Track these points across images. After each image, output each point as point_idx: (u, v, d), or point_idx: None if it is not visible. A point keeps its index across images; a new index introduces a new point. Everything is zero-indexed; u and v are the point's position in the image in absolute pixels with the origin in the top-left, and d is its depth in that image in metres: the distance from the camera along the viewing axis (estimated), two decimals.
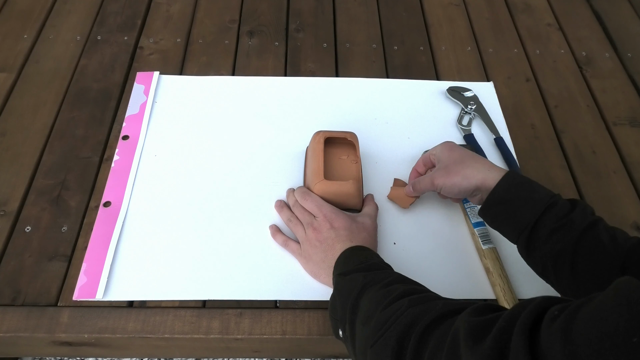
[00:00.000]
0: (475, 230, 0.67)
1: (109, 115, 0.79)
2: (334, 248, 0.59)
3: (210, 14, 0.96)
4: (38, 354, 0.67)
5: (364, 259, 0.56)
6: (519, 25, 0.99)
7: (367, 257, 0.56)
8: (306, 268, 0.63)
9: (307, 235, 0.62)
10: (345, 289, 0.53)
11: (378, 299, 0.48)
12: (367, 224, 0.63)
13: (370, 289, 0.50)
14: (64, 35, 0.90)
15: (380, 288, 0.49)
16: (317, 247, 0.61)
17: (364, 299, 0.49)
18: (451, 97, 0.84)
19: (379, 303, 0.47)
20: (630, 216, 0.72)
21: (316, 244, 0.61)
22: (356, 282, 0.52)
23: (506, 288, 0.62)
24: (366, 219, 0.64)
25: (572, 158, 0.79)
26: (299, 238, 0.64)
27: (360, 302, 0.50)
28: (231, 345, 0.62)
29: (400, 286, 0.49)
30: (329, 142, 0.71)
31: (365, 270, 0.53)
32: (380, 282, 0.50)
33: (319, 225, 0.61)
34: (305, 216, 0.64)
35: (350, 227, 0.61)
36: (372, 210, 0.66)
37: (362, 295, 0.50)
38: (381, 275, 0.52)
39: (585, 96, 0.87)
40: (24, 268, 0.63)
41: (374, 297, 0.48)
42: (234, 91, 0.83)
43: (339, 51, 0.92)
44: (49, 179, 0.71)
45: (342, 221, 0.61)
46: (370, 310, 0.47)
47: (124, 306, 0.61)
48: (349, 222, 0.61)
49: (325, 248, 0.60)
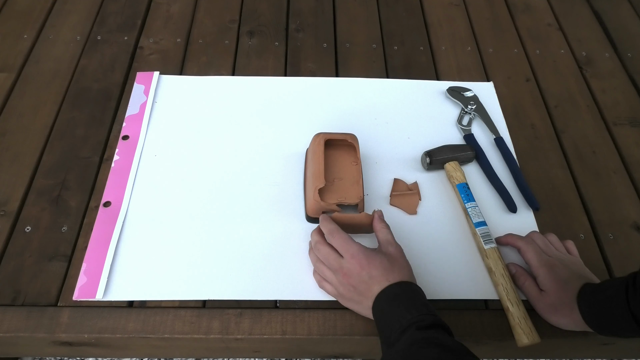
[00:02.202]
0: (477, 230, 0.67)
1: (109, 115, 0.79)
2: (371, 290, 0.57)
3: (210, 14, 0.96)
4: (38, 354, 0.67)
5: (404, 312, 0.53)
6: (519, 25, 0.99)
7: (408, 308, 0.54)
8: (345, 305, 0.61)
9: (339, 280, 0.59)
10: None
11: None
12: (393, 252, 0.60)
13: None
14: (64, 35, 0.90)
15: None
16: (352, 291, 0.58)
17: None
18: (451, 97, 0.84)
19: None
20: (630, 216, 0.73)
21: (350, 289, 0.58)
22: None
23: (508, 287, 0.62)
24: (390, 248, 0.61)
25: (572, 158, 0.79)
26: (331, 281, 0.61)
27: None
28: (231, 345, 0.62)
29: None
30: (329, 144, 0.71)
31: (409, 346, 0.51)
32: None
33: (348, 269, 0.58)
34: (331, 261, 0.60)
35: (381, 264, 0.58)
36: (389, 235, 0.63)
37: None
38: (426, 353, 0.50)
39: (585, 96, 0.87)
40: (24, 268, 0.63)
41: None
42: (234, 91, 0.83)
43: (339, 51, 0.92)
44: (49, 179, 0.71)
45: (372, 259, 0.58)
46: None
47: (124, 306, 0.61)
48: (378, 259, 0.58)
49: (361, 291, 0.58)
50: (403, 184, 0.73)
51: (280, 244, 0.67)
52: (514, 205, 0.71)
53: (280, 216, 0.69)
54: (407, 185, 0.73)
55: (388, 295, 0.56)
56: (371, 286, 0.57)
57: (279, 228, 0.68)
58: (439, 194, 0.73)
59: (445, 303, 0.63)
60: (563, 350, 0.66)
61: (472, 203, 0.69)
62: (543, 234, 0.66)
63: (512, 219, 0.71)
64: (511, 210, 0.71)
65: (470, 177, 0.74)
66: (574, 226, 0.71)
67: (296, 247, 0.66)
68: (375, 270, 0.57)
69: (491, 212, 0.71)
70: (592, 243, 0.70)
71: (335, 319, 0.61)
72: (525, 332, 0.58)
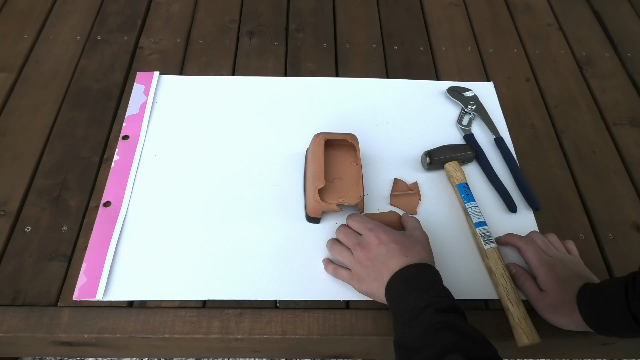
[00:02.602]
0: (477, 230, 0.67)
1: (109, 115, 0.79)
2: (388, 265, 0.57)
3: (210, 14, 0.96)
4: (38, 354, 0.67)
5: (422, 293, 0.53)
6: (519, 25, 0.99)
7: (426, 289, 0.54)
8: (360, 290, 0.61)
9: (356, 257, 0.59)
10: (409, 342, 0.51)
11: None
12: (418, 235, 0.61)
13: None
14: (64, 35, 0.90)
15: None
16: (369, 267, 0.58)
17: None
18: (451, 97, 0.84)
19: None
20: (630, 216, 0.73)
21: (367, 264, 0.58)
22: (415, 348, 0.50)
23: (508, 287, 0.62)
24: (415, 232, 0.62)
25: (572, 158, 0.79)
26: (349, 264, 0.61)
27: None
28: (231, 345, 0.62)
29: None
30: (329, 144, 0.71)
31: (426, 329, 0.50)
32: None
33: (366, 242, 0.59)
34: (350, 237, 0.61)
35: (401, 240, 0.58)
36: (417, 223, 0.64)
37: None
38: (441, 338, 0.49)
39: (585, 96, 0.87)
40: (24, 268, 0.63)
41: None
42: (234, 91, 0.83)
43: (339, 51, 0.92)
44: (49, 179, 0.71)
45: (391, 234, 0.58)
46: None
47: (124, 306, 0.61)
48: (398, 235, 0.59)
49: (377, 266, 0.58)
50: (403, 184, 0.73)
51: (280, 244, 0.67)
52: (514, 205, 0.71)
53: (280, 216, 0.69)
54: (407, 185, 0.73)
55: (405, 275, 0.56)
56: (388, 261, 0.57)
57: (279, 228, 0.68)
58: (439, 194, 0.73)
59: None
60: (563, 350, 0.66)
61: (472, 203, 0.69)
62: (543, 234, 0.66)
63: (512, 219, 0.71)
64: (511, 210, 0.71)
65: (470, 177, 0.74)
66: (574, 226, 0.71)
67: (296, 247, 0.66)
68: (394, 244, 0.58)
69: (491, 212, 0.71)
70: (592, 243, 0.70)
71: (335, 319, 0.61)
72: (525, 332, 0.58)
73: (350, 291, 0.63)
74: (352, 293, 0.62)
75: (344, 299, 0.63)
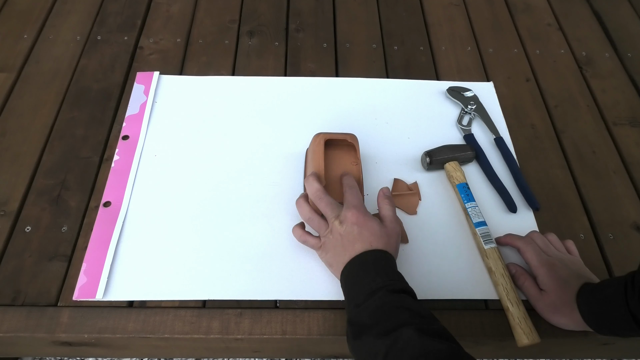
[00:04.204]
0: (477, 230, 0.67)
1: (109, 115, 0.79)
2: (354, 247, 0.58)
3: (210, 14, 0.96)
4: (38, 354, 0.67)
5: (375, 276, 0.55)
6: (519, 25, 0.99)
7: (379, 273, 0.55)
8: (322, 259, 0.63)
9: (331, 228, 0.60)
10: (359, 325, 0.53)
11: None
12: (390, 228, 0.61)
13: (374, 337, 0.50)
14: (64, 35, 0.90)
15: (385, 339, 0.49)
16: (338, 240, 0.59)
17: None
18: (451, 97, 0.84)
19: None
20: (630, 216, 0.73)
21: (337, 237, 0.59)
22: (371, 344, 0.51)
23: (508, 287, 0.62)
24: (389, 224, 0.61)
25: (572, 158, 0.79)
26: (321, 233, 0.62)
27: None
28: (231, 345, 0.62)
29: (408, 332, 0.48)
30: (329, 144, 0.71)
31: (374, 310, 0.52)
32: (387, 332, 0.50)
33: (344, 217, 0.60)
34: (334, 207, 0.62)
35: (373, 229, 0.59)
36: (391, 212, 0.63)
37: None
38: (391, 315, 0.51)
39: (585, 96, 0.87)
40: (24, 268, 0.63)
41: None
42: (234, 91, 0.83)
43: (339, 51, 0.92)
44: (49, 179, 0.71)
45: (369, 220, 0.59)
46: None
47: (124, 306, 0.61)
48: (375, 223, 0.60)
49: (344, 243, 0.59)
50: (403, 184, 0.73)
51: (280, 243, 0.67)
52: (514, 205, 0.71)
53: (280, 216, 0.69)
54: (407, 185, 0.73)
55: (361, 259, 0.57)
56: (355, 242, 0.58)
57: (279, 228, 0.68)
58: (439, 194, 0.73)
59: (445, 303, 0.63)
60: (563, 350, 0.66)
61: (472, 203, 0.69)
62: (543, 234, 0.67)
63: (512, 219, 0.71)
64: (511, 210, 0.71)
65: (470, 177, 0.74)
66: (574, 226, 0.71)
67: (296, 247, 0.66)
68: (366, 231, 0.59)
69: (491, 212, 0.71)
70: (592, 243, 0.70)
71: (335, 319, 0.61)
72: (525, 332, 0.58)
73: None
74: None
75: (344, 298, 0.63)
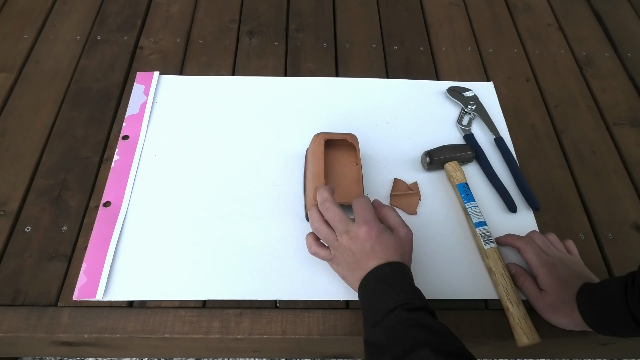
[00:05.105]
0: (477, 230, 0.67)
1: (109, 115, 0.79)
2: (368, 264, 0.56)
3: (210, 14, 0.96)
4: (38, 354, 0.67)
5: (392, 294, 0.53)
6: (519, 25, 0.99)
7: (396, 290, 0.54)
8: (335, 271, 0.62)
9: (340, 242, 0.59)
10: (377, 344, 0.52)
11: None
12: (403, 235, 0.59)
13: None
14: (64, 35, 0.90)
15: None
16: (349, 258, 0.58)
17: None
18: (451, 97, 0.84)
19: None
20: (630, 216, 0.73)
21: (349, 254, 0.58)
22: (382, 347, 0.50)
23: (508, 287, 0.62)
24: (401, 230, 0.60)
25: (572, 158, 0.79)
26: (330, 244, 0.60)
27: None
28: (231, 345, 0.62)
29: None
30: (329, 144, 0.71)
31: (392, 329, 0.51)
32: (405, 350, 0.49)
33: (355, 233, 0.57)
34: (343, 221, 0.59)
35: (388, 242, 0.57)
36: (398, 218, 0.61)
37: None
38: (409, 335, 0.50)
39: (585, 96, 0.87)
40: (24, 268, 0.63)
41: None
42: (234, 91, 0.83)
43: (339, 51, 0.92)
44: (49, 179, 0.71)
45: (383, 234, 0.58)
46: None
47: (124, 306, 0.61)
48: (388, 237, 0.58)
49: (357, 260, 0.57)
50: (403, 184, 0.73)
51: (281, 244, 0.67)
52: (514, 205, 0.71)
53: (280, 216, 0.69)
54: (407, 185, 0.73)
55: (377, 275, 0.56)
56: (369, 259, 0.57)
57: (279, 228, 0.68)
58: (439, 194, 0.73)
59: (445, 303, 0.63)
60: (563, 350, 0.66)
61: (472, 203, 0.69)
62: (543, 234, 0.67)
63: (512, 219, 0.71)
64: (511, 210, 0.71)
65: (470, 177, 0.74)
66: (574, 226, 0.71)
67: (296, 247, 0.66)
68: (379, 247, 0.57)
69: (491, 212, 0.71)
70: (592, 243, 0.70)
71: (335, 319, 0.61)
72: (525, 332, 0.58)
73: (350, 291, 0.63)
74: (352, 293, 0.62)
75: (344, 299, 0.63)
